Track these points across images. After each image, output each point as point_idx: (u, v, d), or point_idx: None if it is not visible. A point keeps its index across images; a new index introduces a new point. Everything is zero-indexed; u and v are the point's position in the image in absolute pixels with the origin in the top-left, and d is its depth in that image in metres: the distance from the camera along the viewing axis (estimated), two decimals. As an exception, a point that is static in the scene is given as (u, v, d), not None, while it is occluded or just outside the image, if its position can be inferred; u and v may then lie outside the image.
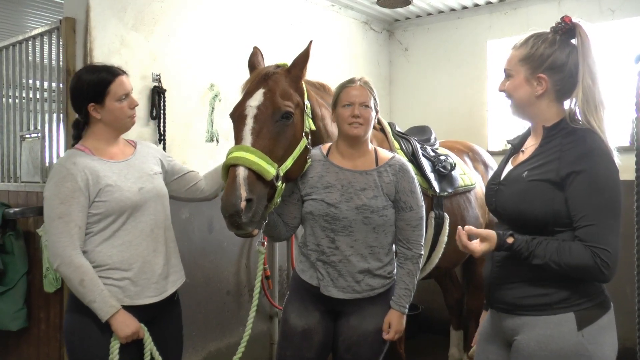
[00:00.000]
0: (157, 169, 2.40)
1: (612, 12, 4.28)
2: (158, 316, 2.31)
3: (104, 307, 2.10)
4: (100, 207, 2.16)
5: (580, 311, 1.74)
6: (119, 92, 2.23)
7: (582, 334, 1.72)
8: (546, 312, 1.76)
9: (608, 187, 1.73)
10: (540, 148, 1.84)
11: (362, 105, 2.26)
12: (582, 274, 1.71)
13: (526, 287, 1.81)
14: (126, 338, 2.14)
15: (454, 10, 5.10)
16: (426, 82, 5.28)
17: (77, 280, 2.08)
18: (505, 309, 1.86)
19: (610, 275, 1.69)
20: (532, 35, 1.86)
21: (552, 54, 1.80)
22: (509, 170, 1.95)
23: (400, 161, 2.38)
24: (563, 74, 1.81)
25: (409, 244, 2.34)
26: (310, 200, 2.33)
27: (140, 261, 2.22)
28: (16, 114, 3.77)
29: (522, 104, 1.88)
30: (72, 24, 3.13)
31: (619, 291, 4.13)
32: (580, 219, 1.71)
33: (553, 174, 1.75)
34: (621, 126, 4.16)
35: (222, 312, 3.80)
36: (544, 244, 1.72)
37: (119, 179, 2.21)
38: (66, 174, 2.12)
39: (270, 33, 4.09)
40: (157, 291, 2.27)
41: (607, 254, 1.67)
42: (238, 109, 2.27)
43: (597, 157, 1.72)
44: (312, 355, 2.34)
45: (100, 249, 2.16)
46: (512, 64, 1.87)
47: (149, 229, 2.26)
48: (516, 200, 1.83)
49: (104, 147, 2.26)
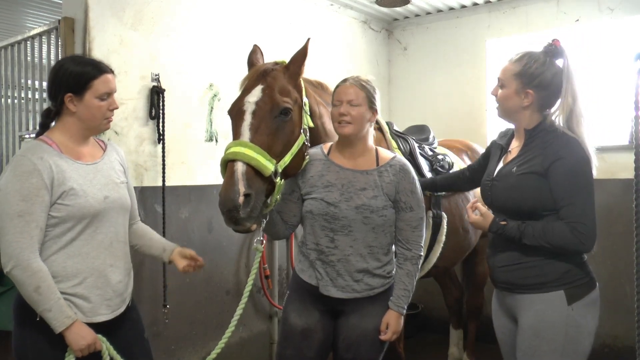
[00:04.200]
0: (123, 177, 2.25)
1: (611, 11, 4.28)
2: (112, 329, 2.13)
3: (59, 317, 1.92)
4: (60, 210, 1.98)
5: (569, 289, 2.10)
6: (101, 89, 2.07)
7: (572, 308, 2.08)
8: (541, 290, 2.12)
9: (583, 171, 2.09)
10: (524, 147, 2.22)
11: (349, 103, 2.25)
12: (565, 247, 2.07)
13: (524, 269, 2.16)
14: (81, 351, 1.96)
15: (453, 10, 5.10)
16: (425, 81, 5.28)
17: (33, 286, 1.89)
18: (508, 287, 2.23)
19: (589, 245, 2.05)
20: (527, 54, 2.21)
21: (541, 74, 2.16)
22: (500, 167, 2.31)
23: (401, 161, 2.38)
24: (547, 91, 2.18)
25: (409, 245, 2.33)
26: (310, 199, 2.32)
27: (95, 275, 2.06)
28: (15, 114, 3.77)
29: (509, 111, 2.25)
30: (70, 24, 3.12)
31: (619, 290, 4.16)
32: (562, 199, 2.07)
33: (538, 167, 2.11)
34: (620, 125, 4.17)
35: (221, 312, 3.80)
36: (531, 227, 2.09)
37: (84, 183, 2.05)
38: (32, 169, 1.94)
39: (269, 32, 4.09)
40: (110, 309, 2.11)
41: (584, 226, 2.03)
42: (236, 105, 2.27)
43: (573, 148, 2.10)
44: (312, 355, 2.34)
45: (55, 258, 1.99)
46: (507, 76, 2.21)
47: (108, 242, 2.11)
48: (509, 191, 2.19)
49: (72, 145, 2.10)
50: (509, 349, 2.34)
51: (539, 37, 4.55)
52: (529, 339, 2.14)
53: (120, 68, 3.20)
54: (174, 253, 2.36)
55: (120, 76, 3.20)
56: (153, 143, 3.40)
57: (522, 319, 2.17)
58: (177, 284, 3.56)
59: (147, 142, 3.38)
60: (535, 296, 2.13)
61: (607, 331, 4.20)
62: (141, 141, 3.34)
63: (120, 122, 3.21)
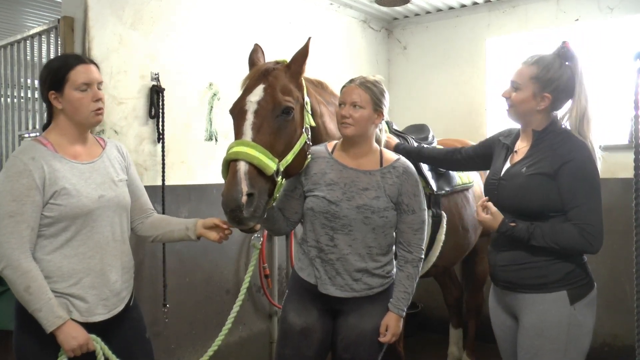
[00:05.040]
0: (122, 175, 2.23)
1: (611, 10, 4.28)
2: (111, 328, 2.14)
3: (49, 316, 1.91)
4: (53, 210, 1.98)
5: (572, 289, 2.13)
6: (78, 80, 2.03)
7: (574, 308, 2.12)
8: (544, 290, 2.15)
9: (591, 174, 2.12)
10: (533, 148, 2.23)
11: (353, 105, 2.25)
12: (574, 248, 2.10)
13: (527, 269, 2.18)
14: (73, 351, 1.96)
15: (453, 9, 5.10)
16: (425, 81, 5.28)
17: (23, 286, 1.90)
18: (509, 287, 2.25)
19: (597, 246, 2.08)
20: (542, 57, 2.19)
21: (559, 78, 2.16)
22: (507, 167, 2.31)
23: (404, 164, 2.37)
24: (563, 94, 2.19)
25: (410, 247, 2.33)
26: (312, 196, 2.32)
27: (92, 275, 2.05)
28: (14, 113, 3.77)
29: (523, 114, 2.24)
30: (70, 23, 3.12)
31: (619, 290, 4.17)
32: (570, 201, 2.10)
33: (548, 168, 2.13)
34: (620, 124, 4.17)
35: (221, 311, 3.80)
36: (540, 229, 2.11)
37: (78, 182, 2.04)
38: (23, 169, 1.94)
39: (269, 32, 4.09)
40: (106, 308, 2.10)
41: (592, 228, 2.07)
42: (238, 105, 2.26)
43: (582, 151, 2.13)
44: (311, 354, 2.34)
45: (51, 258, 1.99)
46: (523, 79, 2.19)
47: (104, 241, 2.10)
48: (517, 192, 2.19)
49: (67, 144, 2.08)
50: (507, 346, 2.35)
51: (539, 36, 4.56)
52: (531, 338, 2.15)
53: (119, 67, 3.20)
54: (198, 228, 2.31)
55: (120, 75, 3.21)
56: (153, 142, 3.40)
57: (525, 318, 2.19)
58: (177, 284, 3.56)
59: (147, 141, 3.38)
60: (538, 296, 2.15)
61: (607, 330, 4.20)
62: (141, 140, 3.34)
63: (120, 122, 3.21)
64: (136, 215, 2.35)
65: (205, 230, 2.30)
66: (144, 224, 2.36)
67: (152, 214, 2.40)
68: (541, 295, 2.15)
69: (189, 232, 2.32)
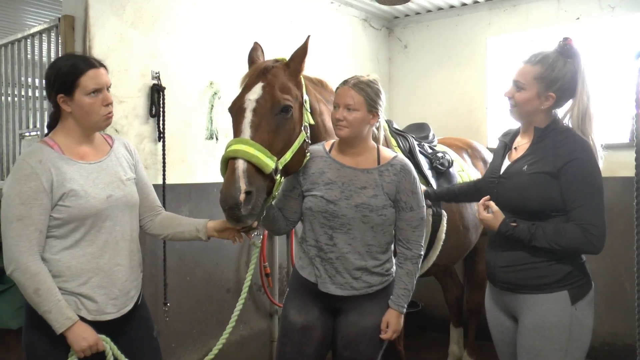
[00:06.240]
0: (130, 173, 2.23)
1: (612, 9, 4.28)
2: (119, 326, 2.15)
3: (59, 318, 1.93)
4: (62, 211, 1.99)
5: (572, 289, 2.13)
6: (89, 85, 2.02)
7: (575, 307, 2.11)
8: (545, 290, 2.14)
9: (595, 173, 2.10)
10: (534, 146, 2.20)
11: (347, 107, 2.24)
12: (577, 249, 2.10)
13: (528, 270, 2.16)
14: (83, 352, 1.97)
15: (454, 8, 5.09)
16: (425, 80, 5.28)
17: (32, 288, 1.91)
18: (509, 288, 2.23)
19: (600, 246, 2.06)
20: (545, 56, 2.16)
21: (563, 77, 2.13)
22: (508, 165, 2.28)
23: (402, 161, 2.37)
24: (567, 92, 2.16)
25: (409, 244, 2.33)
26: (310, 196, 2.33)
27: (101, 275, 2.06)
28: (15, 112, 3.77)
29: (526, 113, 2.21)
30: (71, 22, 3.12)
31: (619, 288, 4.17)
32: (573, 202, 2.07)
33: (550, 167, 2.10)
34: (621, 123, 4.17)
35: (222, 310, 3.81)
36: (542, 229, 2.09)
37: (86, 183, 2.04)
38: (30, 173, 1.95)
39: (269, 30, 4.09)
40: (116, 307, 2.11)
41: (595, 228, 2.04)
42: (237, 103, 2.26)
43: (585, 151, 2.10)
44: (311, 352, 2.34)
45: (60, 258, 2.00)
46: (527, 79, 2.16)
47: (113, 241, 2.10)
48: (518, 190, 2.17)
49: (74, 146, 2.09)
50: (505, 347, 2.34)
51: (540, 35, 4.56)
52: (532, 339, 2.14)
53: (120, 66, 3.20)
54: (210, 230, 2.32)
55: (120, 74, 3.21)
56: (153, 141, 3.40)
57: (526, 318, 2.17)
58: (177, 283, 3.56)
59: (148, 140, 3.38)
60: (539, 296, 2.14)
61: (607, 329, 4.20)
62: (141, 139, 3.34)
63: (121, 120, 3.21)
64: (145, 213, 2.35)
65: (217, 233, 2.32)
66: (153, 222, 2.37)
67: (160, 212, 2.41)
68: (542, 295, 2.14)
69: (199, 234, 2.33)
